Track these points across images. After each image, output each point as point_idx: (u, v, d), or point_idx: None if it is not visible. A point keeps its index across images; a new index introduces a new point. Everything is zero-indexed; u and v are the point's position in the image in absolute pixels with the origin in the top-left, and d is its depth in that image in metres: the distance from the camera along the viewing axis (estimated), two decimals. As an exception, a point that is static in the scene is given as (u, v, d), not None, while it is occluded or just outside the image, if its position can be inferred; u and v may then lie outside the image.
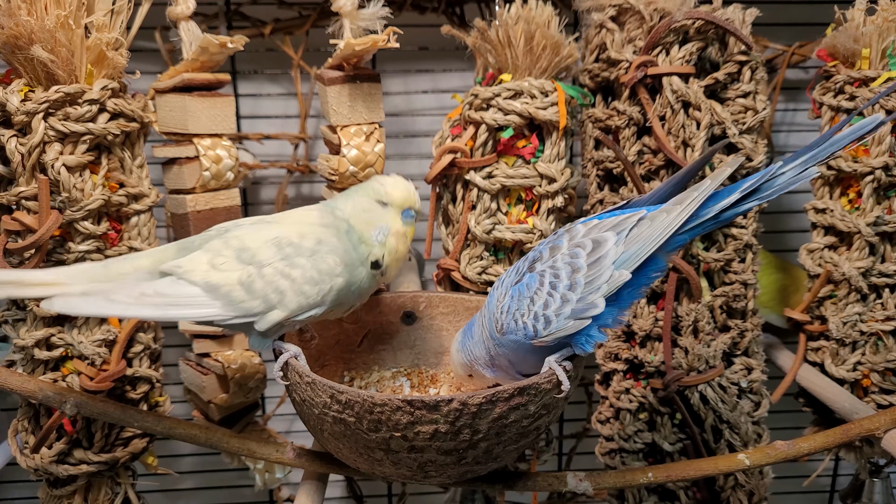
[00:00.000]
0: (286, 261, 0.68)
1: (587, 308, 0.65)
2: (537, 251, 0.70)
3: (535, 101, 0.86)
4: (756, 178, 0.65)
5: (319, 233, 0.71)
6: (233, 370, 0.97)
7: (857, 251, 0.93)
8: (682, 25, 0.87)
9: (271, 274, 0.68)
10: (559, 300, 0.65)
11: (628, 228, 0.66)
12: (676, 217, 0.65)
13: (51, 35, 0.74)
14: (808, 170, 0.65)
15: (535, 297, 0.67)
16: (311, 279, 0.68)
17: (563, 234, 0.70)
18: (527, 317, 0.67)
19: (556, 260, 0.67)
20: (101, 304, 0.65)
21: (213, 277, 0.67)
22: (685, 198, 0.66)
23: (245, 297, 0.67)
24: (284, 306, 0.68)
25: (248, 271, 0.68)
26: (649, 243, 0.65)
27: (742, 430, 0.93)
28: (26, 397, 0.80)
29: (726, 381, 0.93)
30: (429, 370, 0.89)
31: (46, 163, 0.77)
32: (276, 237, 0.70)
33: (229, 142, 0.91)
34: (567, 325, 0.65)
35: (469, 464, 0.67)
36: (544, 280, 0.67)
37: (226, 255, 0.68)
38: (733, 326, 0.94)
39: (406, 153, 1.22)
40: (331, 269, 0.69)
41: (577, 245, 0.67)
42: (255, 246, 0.69)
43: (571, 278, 0.66)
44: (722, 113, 0.88)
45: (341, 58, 0.86)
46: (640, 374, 0.95)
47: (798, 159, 0.65)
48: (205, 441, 0.78)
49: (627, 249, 0.65)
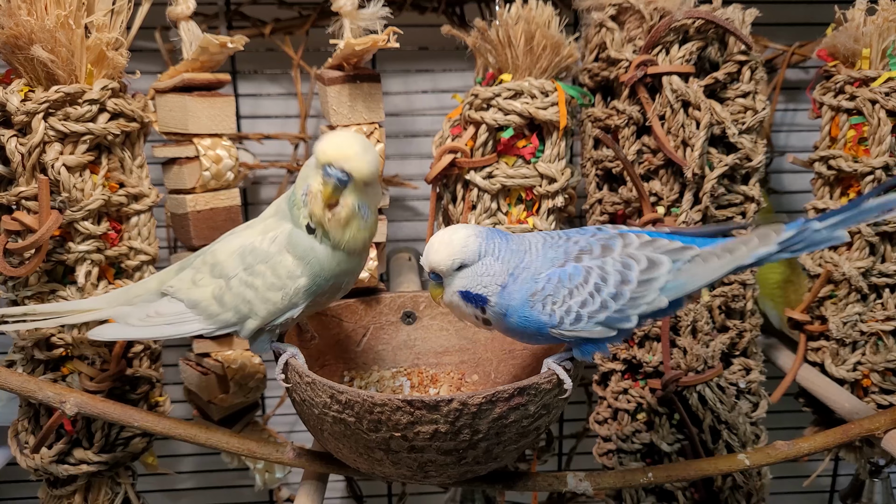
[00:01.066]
0: (248, 270, 0.69)
1: (621, 320, 0.65)
2: (587, 242, 0.68)
3: (535, 101, 0.86)
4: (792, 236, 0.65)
5: (270, 226, 0.71)
6: (233, 370, 0.97)
7: (858, 251, 0.93)
8: (682, 25, 0.87)
9: (237, 285, 0.69)
10: (598, 304, 0.65)
11: (683, 260, 0.66)
12: (724, 266, 0.65)
13: (51, 35, 0.74)
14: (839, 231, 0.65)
15: (574, 291, 0.66)
16: (272, 285, 0.69)
17: (617, 238, 0.68)
18: (558, 306, 0.66)
19: (606, 262, 0.66)
20: (121, 329, 0.73)
21: (194, 294, 0.71)
22: (735, 248, 0.66)
23: (219, 310, 0.70)
24: (256, 315, 0.70)
25: (218, 285, 0.70)
26: (695, 281, 0.66)
27: (740, 431, 0.92)
28: (26, 397, 0.80)
29: (725, 381, 0.94)
30: (429, 370, 0.89)
31: (46, 163, 0.77)
32: (241, 246, 0.71)
33: (229, 142, 0.91)
34: (594, 329, 0.65)
35: (469, 464, 0.68)
36: (589, 279, 0.66)
37: (203, 270, 0.72)
38: (732, 327, 0.94)
39: (406, 153, 1.22)
40: (290, 272, 0.68)
41: (630, 256, 0.66)
42: (223, 259, 0.71)
43: (619, 288, 0.65)
44: (721, 112, 0.88)
45: (341, 58, 0.86)
46: (639, 374, 0.95)
47: (832, 218, 0.65)
48: (205, 441, 0.78)
49: (676, 279, 0.66)
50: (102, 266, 0.82)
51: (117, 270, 0.84)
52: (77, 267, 0.80)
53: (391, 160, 1.20)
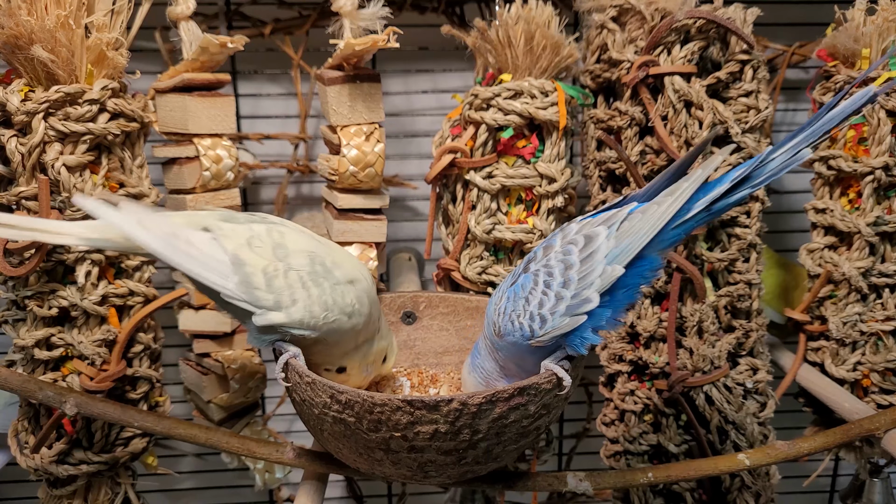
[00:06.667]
0: (312, 275, 0.69)
1: (581, 304, 0.64)
2: (532, 252, 0.70)
3: (535, 101, 0.86)
4: (746, 165, 0.64)
5: (357, 274, 0.73)
6: (233, 370, 0.97)
7: (857, 251, 0.93)
8: (683, 25, 0.87)
9: (294, 279, 0.68)
10: (553, 298, 0.65)
11: (619, 222, 0.65)
12: (668, 209, 0.64)
13: (51, 35, 0.74)
14: (800, 152, 0.63)
15: (529, 296, 0.66)
16: (324, 303, 0.69)
17: (557, 234, 0.69)
18: (522, 317, 0.66)
19: (549, 259, 0.67)
20: (132, 225, 0.64)
21: (244, 254, 0.67)
22: (675, 189, 0.65)
23: (262, 285, 0.67)
24: (289, 313, 0.68)
25: (275, 265, 0.68)
26: (641, 236, 0.64)
27: (748, 431, 0.92)
28: (26, 397, 0.80)
29: (732, 381, 0.93)
30: (429, 370, 0.89)
31: (46, 163, 0.77)
32: (314, 252, 0.70)
33: (229, 142, 0.91)
34: (562, 322, 0.65)
35: (469, 464, 0.67)
36: (538, 279, 0.66)
37: (264, 241, 0.69)
38: (738, 327, 0.94)
39: (406, 153, 1.22)
40: (345, 306, 0.70)
41: (569, 242, 0.67)
42: (292, 248, 0.69)
43: (565, 275, 0.65)
44: (724, 112, 0.88)
45: (341, 58, 0.86)
46: (645, 375, 0.95)
47: (789, 143, 0.63)
48: (205, 441, 0.78)
49: (619, 244, 0.64)
50: (102, 266, 0.82)
51: (117, 270, 0.84)
52: (77, 267, 0.80)
53: (391, 160, 1.20)
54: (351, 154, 0.87)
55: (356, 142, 0.88)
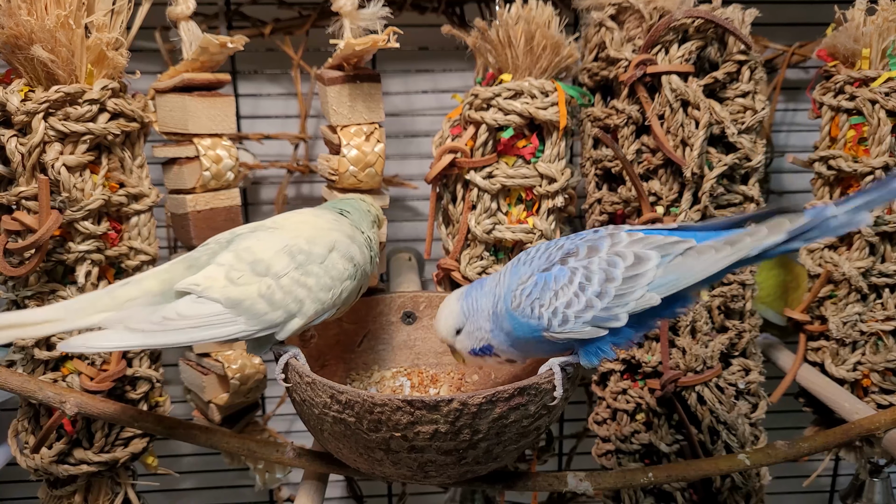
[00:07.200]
0: (300, 269, 0.69)
1: (609, 319, 0.64)
2: (574, 244, 0.68)
3: (535, 101, 0.86)
4: (805, 222, 0.62)
5: (333, 237, 0.72)
6: (233, 370, 0.97)
7: (857, 251, 0.93)
8: (681, 24, 0.87)
9: (289, 284, 0.68)
10: (583, 303, 0.64)
11: (674, 254, 0.64)
12: (724, 259, 0.63)
13: (51, 35, 0.74)
14: (861, 215, 0.62)
15: (559, 292, 0.65)
16: (325, 286, 0.69)
17: (606, 238, 0.67)
18: (545, 308, 0.66)
19: (591, 262, 0.65)
20: (124, 336, 0.63)
21: (233, 292, 0.66)
22: (738, 241, 0.63)
23: (267, 308, 0.66)
24: (303, 314, 0.68)
25: (266, 283, 0.67)
26: (689, 276, 0.63)
27: (739, 432, 0.92)
28: (26, 397, 0.80)
29: (724, 381, 0.93)
30: (429, 370, 0.89)
31: (46, 163, 0.77)
32: (287, 245, 0.69)
33: (229, 142, 0.91)
34: (583, 329, 0.65)
35: (469, 464, 0.67)
36: (574, 279, 0.65)
37: (240, 268, 0.67)
38: (731, 327, 0.94)
39: (406, 153, 1.22)
40: (341, 274, 0.71)
41: (617, 254, 0.65)
42: (268, 257, 0.68)
43: (603, 286, 0.64)
44: (721, 112, 0.88)
45: (341, 58, 0.86)
46: (638, 374, 0.95)
47: (850, 203, 0.62)
48: (205, 441, 0.78)
49: (667, 275, 0.64)
50: (103, 266, 0.82)
51: (117, 270, 0.84)
52: (77, 267, 0.80)
53: (391, 160, 1.20)
54: (351, 154, 0.87)
55: (356, 142, 0.88)
